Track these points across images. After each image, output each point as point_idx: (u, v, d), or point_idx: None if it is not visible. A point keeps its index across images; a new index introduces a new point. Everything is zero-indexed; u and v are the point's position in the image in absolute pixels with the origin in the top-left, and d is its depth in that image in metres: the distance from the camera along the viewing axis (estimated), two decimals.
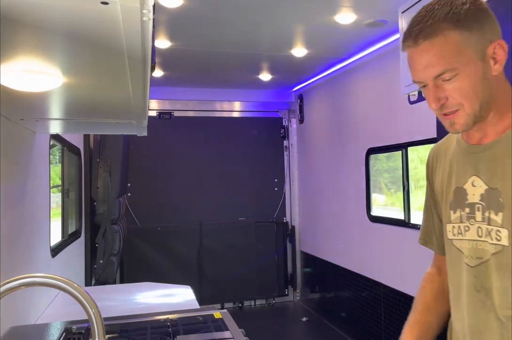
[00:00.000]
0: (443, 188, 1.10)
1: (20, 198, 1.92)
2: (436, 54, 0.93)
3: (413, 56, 0.96)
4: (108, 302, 2.29)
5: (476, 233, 1.00)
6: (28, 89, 1.15)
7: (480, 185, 0.99)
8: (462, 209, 1.03)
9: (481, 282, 0.98)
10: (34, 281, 0.96)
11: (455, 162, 1.08)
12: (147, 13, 0.73)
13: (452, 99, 0.95)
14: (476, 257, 0.99)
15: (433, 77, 0.94)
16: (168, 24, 2.97)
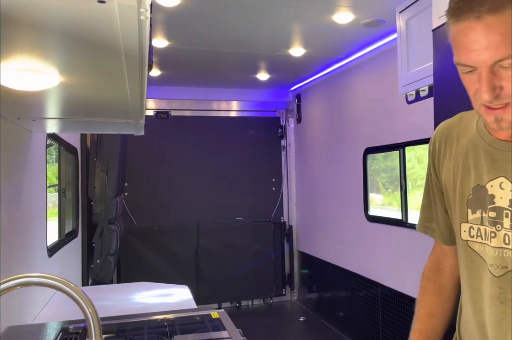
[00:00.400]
0: (456, 182, 1.00)
1: (17, 198, 1.91)
2: (503, 33, 0.76)
3: (470, 32, 0.78)
4: (105, 302, 2.29)
5: (503, 241, 0.90)
6: (24, 88, 1.14)
7: (508, 189, 0.90)
8: (485, 211, 0.94)
9: (505, 293, 0.91)
10: (31, 281, 0.96)
11: (474, 154, 0.96)
12: (144, 12, 0.72)
13: (507, 90, 0.79)
14: (502, 266, 0.91)
15: (493, 61, 0.78)
16: (166, 23, 2.96)
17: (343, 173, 4.25)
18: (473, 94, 0.83)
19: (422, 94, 2.50)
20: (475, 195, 0.96)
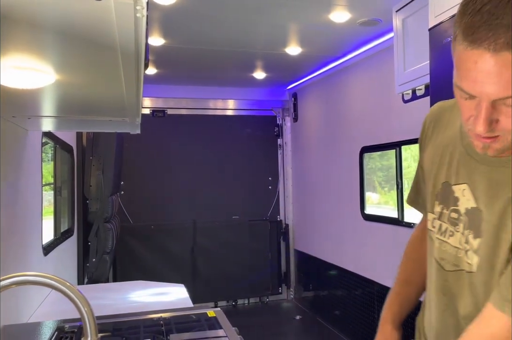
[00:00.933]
0: (432, 170, 1.01)
1: (12, 196, 1.91)
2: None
3: (481, 63, 0.71)
4: (101, 301, 2.28)
5: (459, 242, 0.93)
6: (20, 86, 1.14)
7: (469, 199, 0.91)
8: (447, 208, 0.96)
9: (449, 288, 0.96)
10: (26, 280, 0.96)
11: (451, 152, 0.97)
12: (141, 10, 0.72)
13: (503, 124, 0.77)
14: (454, 264, 0.95)
15: (498, 98, 0.74)
16: (162, 22, 2.95)
17: (339, 172, 4.26)
18: (467, 119, 0.81)
19: (418, 93, 2.51)
20: (443, 190, 0.97)
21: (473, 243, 0.89)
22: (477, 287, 0.90)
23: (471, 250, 0.90)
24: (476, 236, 0.89)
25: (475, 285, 0.90)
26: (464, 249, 0.92)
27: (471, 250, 0.90)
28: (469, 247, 0.91)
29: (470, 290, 0.92)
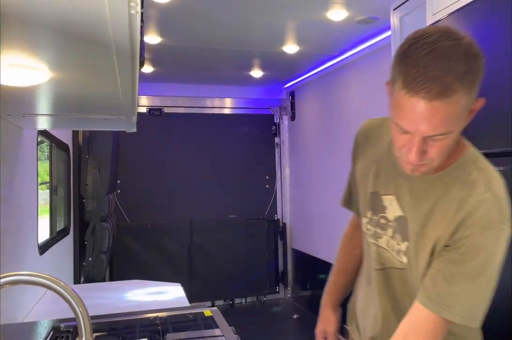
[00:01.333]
0: (362, 180, 1.18)
1: (7, 195, 1.89)
2: (445, 117, 0.86)
3: (417, 109, 0.86)
4: (97, 300, 2.27)
5: (386, 244, 1.10)
6: (14, 83, 1.13)
7: (396, 209, 1.07)
8: (376, 214, 1.12)
9: (376, 283, 1.13)
10: (20, 279, 0.95)
11: (378, 166, 1.13)
12: (135, 6, 0.71)
13: (429, 155, 0.92)
14: (380, 262, 1.12)
15: (429, 135, 0.89)
16: (159, 20, 2.94)
17: (337, 171, 4.25)
18: (400, 148, 0.95)
19: None
20: (372, 199, 1.13)
21: (402, 246, 1.06)
22: (408, 281, 1.07)
23: (401, 252, 1.06)
24: (404, 240, 1.05)
25: (406, 279, 1.07)
26: (396, 249, 1.07)
27: (401, 251, 1.06)
28: (401, 248, 1.06)
29: (402, 284, 1.08)
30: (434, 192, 1.00)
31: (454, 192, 0.97)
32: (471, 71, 0.85)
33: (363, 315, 1.23)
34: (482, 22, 1.61)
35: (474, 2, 1.64)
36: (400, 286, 1.09)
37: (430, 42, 0.85)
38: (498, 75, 1.49)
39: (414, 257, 1.03)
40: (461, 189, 0.97)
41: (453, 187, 0.98)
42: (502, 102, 1.46)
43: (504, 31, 1.47)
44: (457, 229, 0.95)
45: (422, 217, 1.01)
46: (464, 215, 0.95)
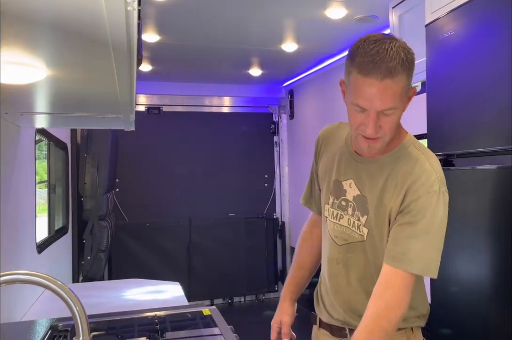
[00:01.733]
0: (325, 172, 1.36)
1: (5, 194, 1.89)
2: (393, 93, 1.09)
3: (371, 88, 1.09)
4: (96, 299, 2.27)
5: (347, 222, 1.28)
6: (11, 81, 1.12)
7: (354, 189, 1.27)
8: (337, 199, 1.31)
9: (342, 258, 1.29)
10: (17, 278, 0.94)
11: (340, 158, 1.33)
12: (132, 3, 0.70)
13: (382, 129, 1.14)
14: (343, 239, 1.29)
15: (381, 109, 1.11)
16: (157, 18, 2.93)
17: None
18: (357, 126, 1.15)
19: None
20: (334, 186, 1.32)
21: (362, 220, 1.25)
22: (367, 251, 1.25)
23: (361, 225, 1.25)
24: (363, 214, 1.24)
25: (366, 250, 1.25)
26: (356, 225, 1.26)
27: (362, 224, 1.25)
28: (360, 223, 1.25)
29: (363, 254, 1.26)
30: (385, 170, 1.22)
31: (400, 167, 1.20)
32: (407, 60, 1.10)
33: (332, 293, 1.35)
34: (480, 20, 1.61)
35: (472, 0, 1.63)
36: (362, 258, 1.27)
37: (375, 40, 1.10)
38: (496, 73, 1.49)
39: (374, 226, 1.22)
40: (405, 164, 1.20)
41: (399, 164, 1.21)
42: (501, 100, 1.46)
43: (502, 29, 1.47)
44: (405, 196, 1.17)
45: (378, 192, 1.21)
46: (409, 183, 1.16)
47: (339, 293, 1.32)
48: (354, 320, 1.27)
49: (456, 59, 1.72)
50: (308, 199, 1.51)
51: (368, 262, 1.26)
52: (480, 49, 1.59)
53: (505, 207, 1.35)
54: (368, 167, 1.25)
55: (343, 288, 1.31)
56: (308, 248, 1.52)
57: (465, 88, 1.65)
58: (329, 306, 1.37)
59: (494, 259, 1.28)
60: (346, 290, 1.30)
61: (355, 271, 1.28)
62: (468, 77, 1.64)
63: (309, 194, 1.50)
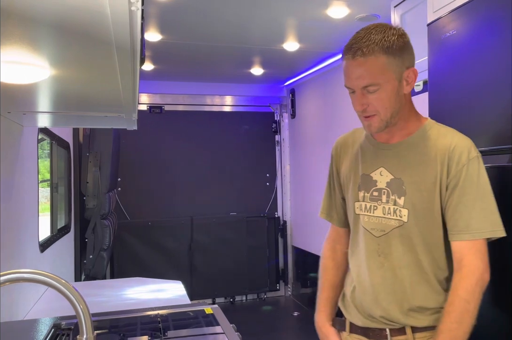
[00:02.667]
0: (350, 173, 1.39)
1: (8, 193, 1.89)
2: (367, 69, 1.19)
3: (349, 67, 1.21)
4: (98, 298, 2.28)
5: (382, 212, 1.29)
6: (14, 81, 1.13)
7: (387, 175, 1.29)
8: (368, 191, 1.32)
9: (382, 249, 1.28)
10: (21, 277, 0.94)
11: (363, 153, 1.37)
12: (135, 3, 0.71)
13: (372, 106, 1.22)
14: (380, 230, 1.29)
15: (362, 87, 1.20)
16: (159, 17, 2.93)
17: None
18: (354, 107, 1.26)
19: (416, 89, 2.49)
20: (362, 180, 1.34)
21: (399, 202, 1.26)
22: (408, 236, 1.25)
23: (400, 207, 1.26)
24: (400, 195, 1.26)
25: (406, 235, 1.25)
26: (392, 211, 1.27)
27: (399, 207, 1.26)
28: (398, 206, 1.26)
29: (401, 242, 1.26)
30: (416, 148, 1.27)
31: (434, 142, 1.25)
32: (389, 40, 1.18)
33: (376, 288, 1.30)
34: (482, 19, 1.61)
35: (474, 0, 1.63)
36: (401, 245, 1.26)
37: (365, 28, 1.23)
38: (498, 72, 1.49)
39: (417, 203, 1.23)
40: (438, 138, 1.25)
41: (430, 139, 1.26)
42: (503, 99, 1.46)
43: (504, 29, 1.47)
44: (449, 168, 1.21)
45: (414, 170, 1.25)
46: (449, 154, 1.21)
47: (385, 286, 1.28)
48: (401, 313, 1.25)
49: (458, 58, 1.72)
50: (328, 211, 1.53)
51: (409, 248, 1.25)
52: (482, 49, 1.59)
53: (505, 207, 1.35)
54: (397, 150, 1.29)
55: (387, 280, 1.28)
56: (336, 265, 1.50)
57: (467, 87, 1.65)
58: (368, 305, 1.31)
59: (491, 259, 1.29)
60: (391, 281, 1.27)
61: (397, 260, 1.27)
62: (470, 77, 1.64)
63: (329, 205, 1.52)
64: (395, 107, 1.23)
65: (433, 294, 1.25)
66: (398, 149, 1.29)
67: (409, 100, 1.29)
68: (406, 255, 1.26)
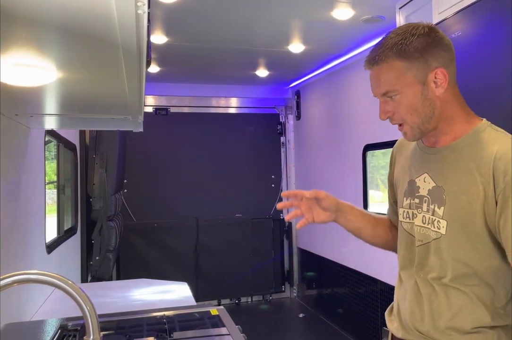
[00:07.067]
0: (400, 177, 1.34)
1: (15, 195, 1.91)
2: (382, 77, 1.16)
3: (370, 76, 1.20)
4: (104, 299, 2.29)
5: (421, 221, 1.22)
6: (21, 83, 1.14)
7: (429, 182, 1.21)
8: (413, 198, 1.25)
9: (419, 259, 1.22)
10: (28, 278, 0.95)
11: (413, 157, 1.30)
12: (142, 6, 0.71)
13: (397, 114, 1.17)
14: (418, 239, 1.23)
15: (380, 94, 1.18)
16: (165, 20, 2.94)
17: (342, 170, 4.25)
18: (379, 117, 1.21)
19: None
20: (409, 186, 1.28)
21: (439, 212, 1.17)
22: (443, 250, 1.17)
23: (438, 218, 1.17)
24: (440, 205, 1.17)
25: (441, 249, 1.17)
26: (431, 221, 1.19)
27: (438, 217, 1.17)
28: (436, 217, 1.18)
29: (437, 255, 1.18)
30: (462, 154, 1.16)
31: (481, 149, 1.13)
32: (405, 43, 1.12)
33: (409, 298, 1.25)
34: (488, 20, 1.61)
35: (480, 1, 1.63)
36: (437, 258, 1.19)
37: (393, 30, 1.19)
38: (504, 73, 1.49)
39: (456, 215, 1.14)
40: (486, 145, 1.13)
41: (478, 146, 1.14)
42: (508, 101, 1.46)
43: (509, 30, 1.46)
44: (495, 178, 1.08)
45: (457, 179, 1.14)
46: (494, 163, 1.08)
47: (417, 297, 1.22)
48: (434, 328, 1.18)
49: (463, 59, 1.71)
50: (389, 213, 1.49)
51: (445, 262, 1.17)
52: (487, 50, 1.59)
53: None
54: (441, 155, 1.20)
55: (423, 290, 1.21)
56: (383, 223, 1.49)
57: (472, 88, 1.65)
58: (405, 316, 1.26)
59: None
60: (425, 293, 1.20)
61: (434, 273, 1.19)
62: (475, 78, 1.64)
63: (389, 208, 1.49)
64: (424, 112, 1.15)
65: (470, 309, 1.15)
66: (443, 154, 1.20)
67: (452, 101, 1.18)
68: (443, 269, 1.17)
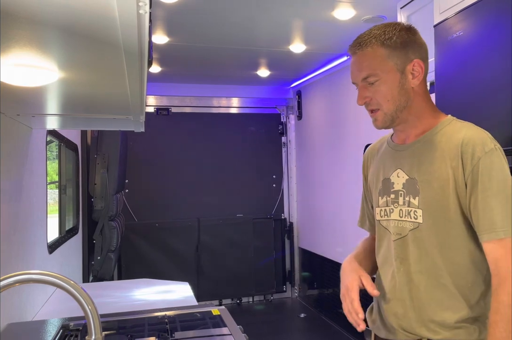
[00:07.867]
0: (374, 179, 1.37)
1: (17, 194, 1.91)
2: (365, 61, 1.21)
3: (351, 62, 1.25)
4: (106, 299, 2.29)
5: (398, 214, 1.26)
6: (23, 84, 1.14)
7: (403, 176, 1.26)
8: (388, 195, 1.29)
9: (398, 253, 1.25)
10: (30, 278, 0.96)
11: (384, 158, 1.35)
12: (144, 6, 0.71)
13: (374, 99, 1.22)
14: (396, 233, 1.26)
15: (361, 79, 1.21)
16: (166, 20, 2.95)
17: (343, 170, 4.25)
18: (357, 102, 1.27)
19: None
20: (383, 185, 1.32)
21: (414, 202, 1.22)
22: (421, 239, 1.20)
23: (414, 208, 1.22)
24: (415, 196, 1.22)
25: (420, 238, 1.21)
26: (407, 213, 1.23)
27: (414, 208, 1.22)
28: (412, 207, 1.22)
29: (416, 245, 1.21)
30: (430, 145, 1.21)
31: (448, 138, 1.19)
32: (388, 33, 1.20)
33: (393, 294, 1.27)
34: (489, 20, 1.60)
35: (481, 1, 1.63)
36: (417, 249, 1.21)
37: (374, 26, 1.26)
38: (505, 73, 1.48)
39: (432, 202, 1.18)
40: (452, 134, 1.19)
41: (445, 136, 1.20)
42: (510, 100, 1.46)
43: (510, 30, 1.46)
44: (464, 163, 1.14)
45: (428, 168, 1.20)
46: (462, 148, 1.15)
47: (401, 291, 1.24)
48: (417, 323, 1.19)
49: (464, 59, 1.71)
50: (362, 220, 1.52)
51: (425, 251, 1.19)
52: (489, 50, 1.59)
53: None
54: (412, 150, 1.25)
55: (403, 286, 1.23)
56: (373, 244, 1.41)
57: (474, 88, 1.65)
58: (386, 313, 1.27)
59: None
60: (407, 287, 1.22)
61: (413, 265, 1.21)
62: (477, 78, 1.64)
63: (362, 214, 1.52)
64: (399, 100, 1.20)
65: (450, 301, 1.17)
66: (413, 148, 1.25)
67: (422, 96, 1.23)
68: (422, 259, 1.20)
